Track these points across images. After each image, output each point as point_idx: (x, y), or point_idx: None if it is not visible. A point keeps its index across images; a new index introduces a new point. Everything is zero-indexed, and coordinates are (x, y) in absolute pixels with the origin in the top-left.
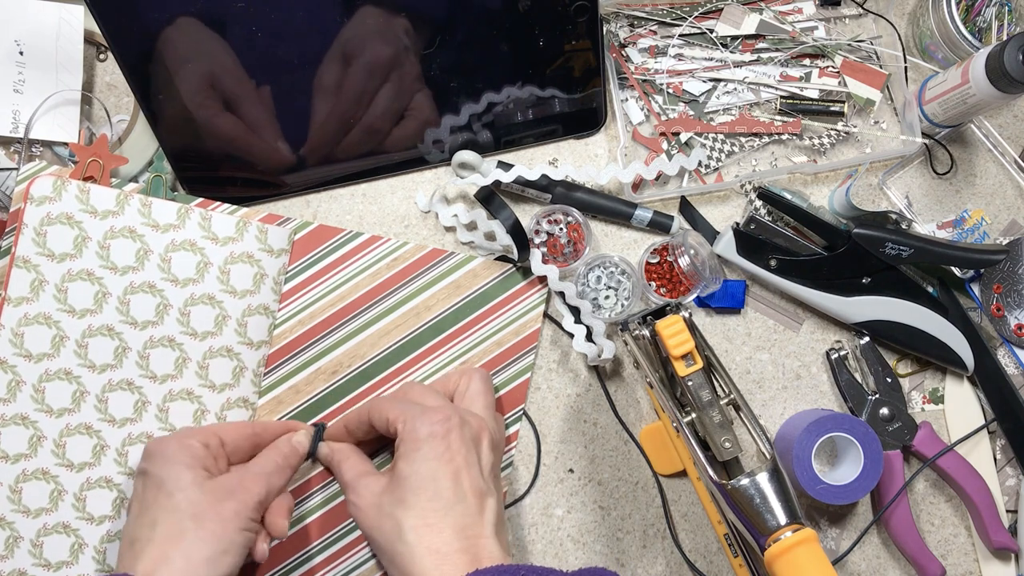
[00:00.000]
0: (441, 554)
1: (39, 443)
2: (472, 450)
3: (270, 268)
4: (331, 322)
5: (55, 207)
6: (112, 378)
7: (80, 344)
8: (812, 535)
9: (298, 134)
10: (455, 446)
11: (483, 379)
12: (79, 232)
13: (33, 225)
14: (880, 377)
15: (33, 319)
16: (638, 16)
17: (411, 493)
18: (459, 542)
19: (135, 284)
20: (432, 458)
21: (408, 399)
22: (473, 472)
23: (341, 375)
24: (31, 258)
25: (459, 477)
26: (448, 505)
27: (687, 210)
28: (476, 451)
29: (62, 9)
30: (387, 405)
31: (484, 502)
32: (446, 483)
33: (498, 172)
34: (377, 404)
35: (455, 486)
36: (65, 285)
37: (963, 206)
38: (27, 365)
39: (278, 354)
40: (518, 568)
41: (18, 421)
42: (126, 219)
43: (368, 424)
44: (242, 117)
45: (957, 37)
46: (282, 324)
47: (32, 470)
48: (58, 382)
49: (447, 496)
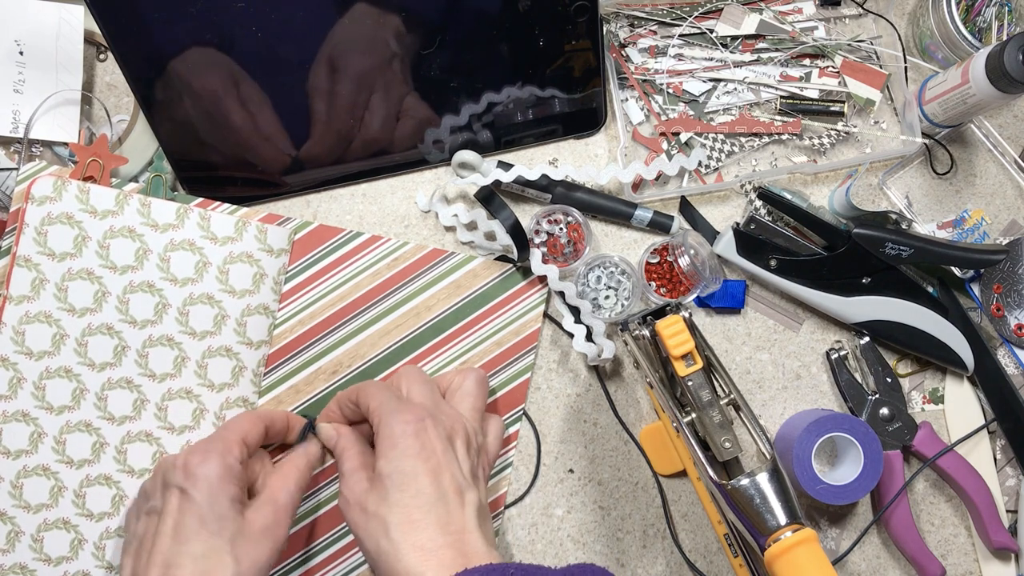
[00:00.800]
0: (427, 551)
1: (39, 439)
2: (448, 447)
3: (269, 268)
4: (331, 322)
5: (56, 207)
6: (111, 376)
7: (80, 342)
8: (812, 535)
9: (298, 134)
10: (430, 443)
11: (478, 380)
12: (79, 232)
13: (34, 225)
14: (880, 377)
15: (34, 317)
16: (638, 16)
17: (393, 490)
18: (444, 538)
19: (134, 283)
20: (410, 456)
21: (392, 388)
22: (452, 468)
23: (341, 375)
24: (32, 257)
25: (438, 473)
26: (430, 502)
27: (687, 210)
28: (452, 448)
29: (62, 9)
30: (372, 391)
31: (464, 497)
32: (426, 480)
33: (498, 172)
34: (364, 388)
35: (435, 483)
36: (65, 284)
37: (963, 206)
38: (28, 363)
39: (278, 354)
40: (506, 567)
41: (19, 418)
42: (125, 219)
43: (356, 405)
44: (242, 116)
45: (957, 37)
46: (282, 324)
47: (33, 466)
48: (58, 380)
49: (428, 492)
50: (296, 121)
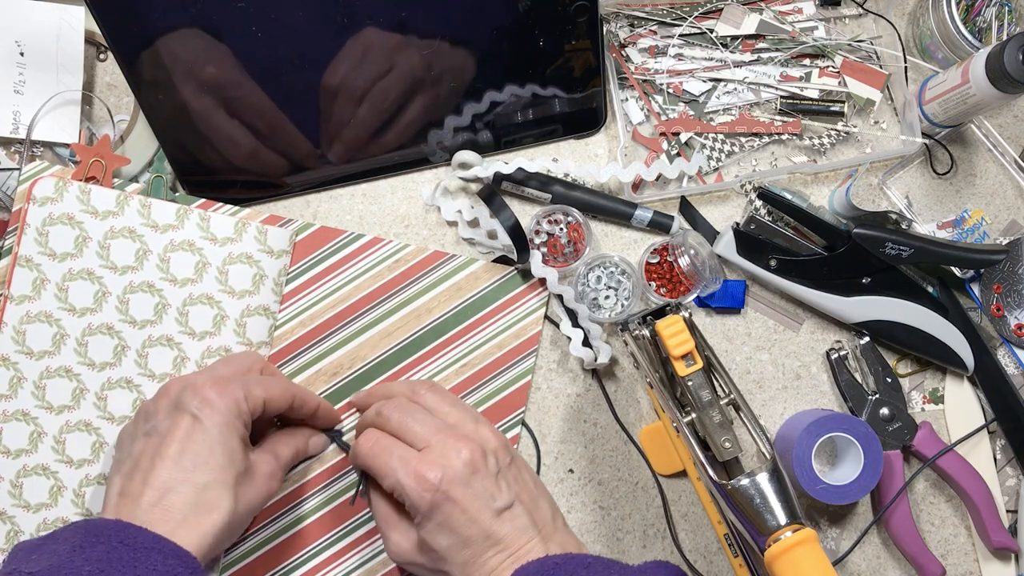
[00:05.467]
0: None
1: (39, 439)
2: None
3: (270, 269)
4: (332, 323)
5: (57, 208)
6: (111, 376)
7: (80, 342)
8: (812, 535)
9: (298, 135)
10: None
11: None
12: (80, 232)
13: (35, 225)
14: (880, 377)
15: (35, 317)
16: (638, 16)
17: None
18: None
19: (134, 284)
20: (447, 528)
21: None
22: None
23: (342, 376)
24: (33, 257)
25: (478, 520)
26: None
27: (687, 210)
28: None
29: (62, 10)
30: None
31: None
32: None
33: (498, 164)
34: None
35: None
36: (66, 284)
37: (963, 206)
38: (28, 362)
39: (279, 355)
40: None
41: (19, 417)
42: (126, 219)
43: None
44: (242, 117)
45: (957, 37)
46: (283, 325)
47: (33, 465)
48: (58, 379)
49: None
50: (297, 122)
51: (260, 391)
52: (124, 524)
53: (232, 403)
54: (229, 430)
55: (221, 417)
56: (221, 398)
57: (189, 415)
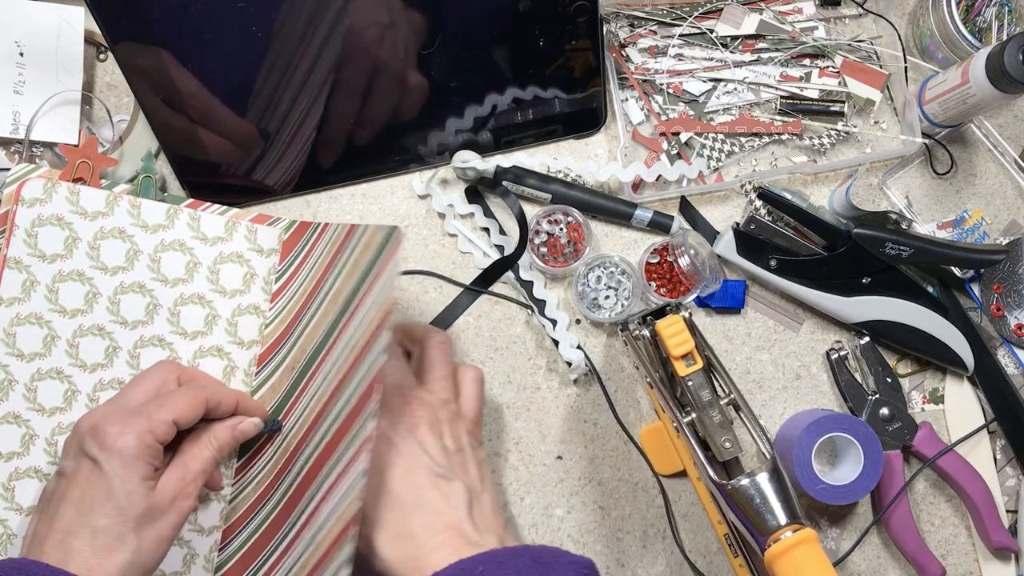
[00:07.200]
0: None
1: (31, 441)
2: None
3: (260, 268)
4: (297, 317)
5: (46, 208)
6: (103, 377)
7: (71, 344)
8: (812, 535)
9: (298, 135)
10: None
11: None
12: (69, 233)
13: (24, 226)
14: (880, 377)
15: (25, 319)
16: (638, 16)
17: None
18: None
19: (125, 284)
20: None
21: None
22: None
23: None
24: (22, 259)
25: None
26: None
27: (687, 210)
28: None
29: (62, 10)
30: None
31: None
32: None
33: (498, 158)
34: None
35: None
36: (56, 285)
37: (963, 206)
38: (19, 364)
39: (268, 351)
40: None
41: (11, 420)
42: (115, 220)
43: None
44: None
45: (957, 37)
46: (272, 322)
47: (24, 468)
48: (50, 381)
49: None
50: (297, 122)
51: (166, 414)
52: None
53: (133, 442)
54: (128, 471)
55: (119, 459)
56: (121, 439)
57: (89, 460)
